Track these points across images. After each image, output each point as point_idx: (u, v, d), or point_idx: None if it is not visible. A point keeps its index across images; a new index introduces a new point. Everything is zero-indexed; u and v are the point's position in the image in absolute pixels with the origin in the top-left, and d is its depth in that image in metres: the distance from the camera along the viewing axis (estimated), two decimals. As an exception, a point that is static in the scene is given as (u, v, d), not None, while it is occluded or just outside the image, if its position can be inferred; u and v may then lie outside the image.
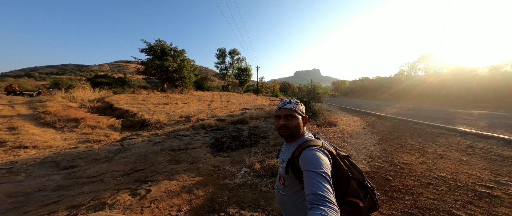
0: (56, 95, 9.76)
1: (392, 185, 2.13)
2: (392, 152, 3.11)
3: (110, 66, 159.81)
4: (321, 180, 0.58)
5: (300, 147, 0.72)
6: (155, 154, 4.28)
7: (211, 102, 13.32)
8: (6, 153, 4.21)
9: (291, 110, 0.78)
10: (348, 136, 4.14)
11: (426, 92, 15.18)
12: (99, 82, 14.81)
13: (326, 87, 7.73)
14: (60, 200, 2.30)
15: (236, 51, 29.93)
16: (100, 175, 3.16)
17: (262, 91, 32.42)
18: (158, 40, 15.60)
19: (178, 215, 2.02)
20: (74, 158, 3.96)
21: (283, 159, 0.79)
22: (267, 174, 2.66)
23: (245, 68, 28.82)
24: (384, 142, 3.69)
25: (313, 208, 0.52)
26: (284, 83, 50.89)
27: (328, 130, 4.65)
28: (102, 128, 6.67)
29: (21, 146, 4.63)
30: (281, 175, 0.79)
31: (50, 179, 2.96)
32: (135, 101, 10.56)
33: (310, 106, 6.87)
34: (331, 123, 5.60)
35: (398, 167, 2.55)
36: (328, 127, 5.16)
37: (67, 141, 5.35)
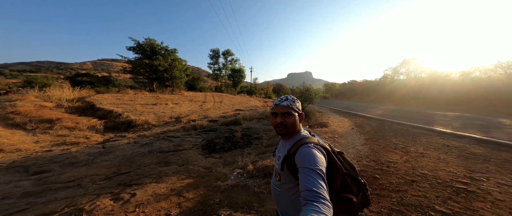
0: (28, 94, 8.79)
1: (379, 183, 2.21)
2: (379, 151, 3.25)
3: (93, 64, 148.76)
4: (316, 177, 0.59)
5: (296, 144, 0.73)
6: (141, 156, 4.01)
7: (203, 103, 12.99)
8: (-38, 158, 3.65)
9: (288, 107, 0.76)
10: (338, 136, 4.26)
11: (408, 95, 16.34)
12: (80, 80, 13.68)
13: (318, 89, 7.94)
14: (28, 208, 2.02)
15: (230, 52, 29.76)
16: (77, 179, 2.86)
17: (255, 93, 32.48)
18: (147, 38, 14.93)
19: (170, 214, 1.89)
20: (47, 162, 3.55)
21: (280, 155, 0.80)
22: (260, 175, 2.61)
23: (239, 69, 28.72)
24: (371, 142, 3.85)
25: (307, 204, 0.53)
26: (277, 84, 51.55)
27: (320, 131, 4.75)
28: (82, 130, 6.12)
29: (-18, 149, 4.05)
30: (277, 171, 0.80)
31: (17, 186, 2.61)
32: (121, 101, 9.91)
33: (303, 107, 7.04)
34: (322, 124, 5.75)
35: (385, 166, 2.66)
36: (319, 127, 5.28)
37: (39, 143, 4.81)
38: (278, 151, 0.86)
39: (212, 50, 29.06)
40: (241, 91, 32.21)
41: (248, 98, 22.20)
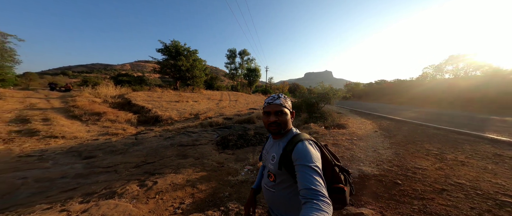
0: (84, 91, 10.52)
1: (400, 189, 1.98)
2: (406, 157, 2.90)
3: (131, 65, 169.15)
4: (314, 174, 0.58)
5: (292, 141, 0.71)
6: (165, 148, 4.42)
7: (219, 101, 13.49)
8: (39, 142, 4.60)
9: (280, 105, 0.74)
10: (357, 139, 3.93)
11: (452, 96, 13.68)
12: (121, 80, 15.67)
13: (338, 89, 7.28)
14: (78, 187, 2.44)
15: (246, 52, 29.95)
16: (114, 166, 3.32)
17: (270, 92, 32.12)
18: (173, 40, 16.08)
19: (181, 207, 2.05)
20: (94, 149, 4.21)
21: (274, 155, 0.76)
22: None
23: (254, 68, 28.72)
24: (398, 146, 3.44)
25: (307, 202, 0.52)
26: (293, 84, 49.83)
27: (336, 132, 4.45)
28: (121, 122, 7.04)
29: (52, 136, 5.03)
30: (271, 172, 0.76)
31: (72, 168, 3.17)
32: (151, 98, 11.03)
33: (318, 107, 6.54)
34: (340, 125, 5.35)
35: (410, 172, 2.38)
36: (336, 129, 4.95)
37: (90, 133, 5.72)
38: (269, 151, 0.81)
39: (229, 50, 29.63)
40: (256, 90, 32.27)
41: (263, 98, 22.16)
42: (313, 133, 4.48)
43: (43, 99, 8.98)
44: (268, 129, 0.75)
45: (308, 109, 6.42)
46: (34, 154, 3.76)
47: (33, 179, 2.62)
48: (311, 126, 4.99)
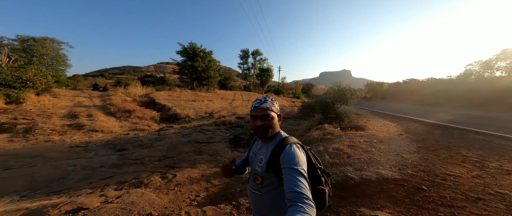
0: (118, 91, 11.93)
1: (425, 195, 1.84)
2: (435, 162, 2.63)
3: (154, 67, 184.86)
4: (300, 177, 0.59)
5: (280, 145, 0.71)
6: (183, 144, 4.78)
7: (232, 101, 13.85)
8: (84, 135, 5.43)
9: (267, 109, 0.74)
10: (377, 142, 3.65)
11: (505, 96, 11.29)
12: (146, 80, 17.32)
13: (358, 89, 6.71)
14: (113, 176, 2.84)
15: (259, 52, 29.90)
16: (141, 158, 3.74)
17: (283, 92, 31.56)
18: (190, 42, 17.02)
19: (196, 199, 2.22)
20: (125, 143, 4.79)
21: (262, 157, 0.76)
22: None
23: (267, 68, 28.53)
24: (427, 151, 3.12)
25: (292, 205, 0.54)
26: (307, 84, 47.92)
27: (354, 134, 4.18)
28: (146, 119, 7.81)
29: (94, 130, 5.88)
30: (258, 175, 0.76)
31: (109, 158, 3.69)
32: (171, 97, 11.93)
33: (334, 107, 6.17)
34: (358, 126, 5.00)
35: (439, 178, 2.17)
36: (353, 130, 4.64)
37: (122, 128, 6.51)
38: (257, 154, 0.81)
39: (242, 50, 29.87)
40: (268, 90, 32.06)
41: (275, 97, 21.97)
42: (327, 134, 4.30)
43: (87, 98, 10.49)
44: (256, 133, 0.76)
45: (323, 110, 6.10)
46: (81, 145, 4.47)
47: (80, 166, 3.14)
48: (325, 127, 4.77)
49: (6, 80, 7.91)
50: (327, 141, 3.87)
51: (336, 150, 3.18)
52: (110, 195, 2.01)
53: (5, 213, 1.44)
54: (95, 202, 1.79)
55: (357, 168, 2.49)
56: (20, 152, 3.70)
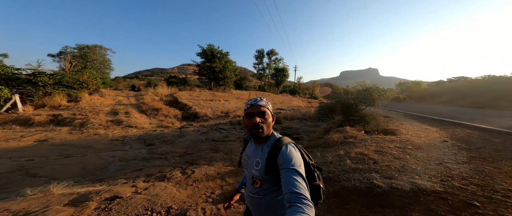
0: (148, 91, 13.43)
1: (476, 212, 1.54)
2: (494, 176, 2.18)
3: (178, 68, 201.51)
4: (298, 178, 0.60)
5: (276, 145, 0.70)
6: (201, 142, 5.07)
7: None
8: (122, 130, 6.28)
9: (264, 107, 0.74)
10: (413, 148, 3.18)
11: None
12: (171, 81, 18.99)
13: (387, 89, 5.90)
14: (143, 168, 3.20)
15: (274, 52, 29.43)
16: (165, 153, 4.11)
17: (299, 92, 30.46)
18: (209, 44, 17.90)
19: (211, 196, 2.33)
20: (153, 138, 5.35)
21: (258, 160, 0.74)
22: None
23: (282, 68, 27.87)
24: (482, 161, 2.61)
25: (291, 206, 0.54)
26: (326, 84, 45.12)
27: (382, 138, 3.71)
28: (170, 117, 8.57)
29: (130, 125, 6.75)
30: (256, 178, 0.74)
31: (140, 152, 4.18)
32: (191, 97, 12.79)
33: (357, 109, 5.58)
34: (387, 130, 4.42)
35: (499, 195, 1.79)
36: (381, 134, 4.15)
37: (151, 125, 7.29)
38: (251, 157, 0.78)
39: (257, 50, 29.80)
40: (283, 90, 31.37)
41: (291, 98, 21.34)
42: (349, 137, 3.96)
43: (125, 97, 12.11)
44: (251, 132, 0.72)
45: (344, 111, 5.59)
46: (120, 139, 5.18)
47: (118, 158, 3.64)
48: (346, 130, 4.39)
49: (68, 82, 9.75)
50: (348, 145, 3.57)
51: (359, 155, 2.90)
52: (139, 187, 2.26)
53: (62, 195, 1.79)
54: (127, 191, 2.04)
55: (386, 176, 2.21)
56: (76, 143, 4.52)
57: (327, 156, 3.12)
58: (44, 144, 4.25)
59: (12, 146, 3.90)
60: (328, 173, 2.53)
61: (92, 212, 1.52)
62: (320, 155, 3.23)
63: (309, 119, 8.66)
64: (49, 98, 8.54)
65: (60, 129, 5.84)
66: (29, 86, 8.48)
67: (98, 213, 1.50)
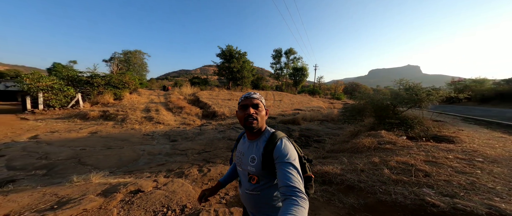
0: (175, 91, 14.77)
1: None
2: None
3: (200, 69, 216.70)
4: (293, 171, 0.61)
5: (271, 140, 0.71)
6: (218, 140, 5.20)
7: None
8: (152, 126, 7.03)
9: (258, 99, 0.75)
10: (485, 161, 2.46)
11: None
12: (194, 82, 20.45)
13: (439, 88, 4.78)
14: (165, 163, 3.44)
15: (292, 51, 28.29)
16: (186, 150, 4.36)
17: (319, 92, 28.56)
18: (228, 45, 18.47)
19: (225, 198, 2.29)
20: (176, 135, 5.78)
21: (253, 156, 0.73)
22: (317, 180, 2.33)
23: (301, 67, 26.59)
24: None
25: (286, 199, 0.55)
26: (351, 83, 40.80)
27: (434, 147, 3.00)
28: (192, 115, 9.15)
29: (158, 122, 7.51)
30: (253, 174, 0.73)
31: (164, 147, 4.55)
32: (211, 96, 13.42)
33: (395, 111, 4.71)
34: (440, 137, 3.57)
35: None
36: (432, 142, 3.38)
37: (176, 122, 7.93)
38: (245, 153, 0.77)
39: (275, 50, 29.08)
40: (302, 90, 29.91)
41: (310, 98, 20.17)
42: (384, 143, 3.38)
43: (156, 96, 13.62)
44: (245, 124, 0.72)
45: (378, 113, 4.84)
46: (150, 134, 5.79)
47: (147, 152, 4.03)
48: (381, 134, 3.75)
49: (115, 83, 11.55)
50: (385, 152, 3.04)
51: (402, 165, 2.41)
52: (160, 182, 2.41)
53: (98, 185, 2.03)
54: (149, 186, 2.19)
55: (445, 193, 1.74)
56: (117, 136, 5.25)
57: (357, 163, 2.71)
58: (94, 136, 5.08)
59: (72, 137, 4.80)
60: (359, 182, 2.17)
61: (117, 203, 1.66)
62: (347, 161, 2.84)
63: (331, 121, 7.96)
64: (101, 96, 10.31)
65: (107, 123, 6.93)
66: (87, 86, 10.41)
67: (122, 206, 1.62)
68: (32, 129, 5.41)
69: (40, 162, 2.96)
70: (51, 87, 8.51)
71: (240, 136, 0.88)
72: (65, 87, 9.03)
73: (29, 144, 3.96)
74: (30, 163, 2.91)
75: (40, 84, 8.12)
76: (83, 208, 1.40)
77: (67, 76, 9.91)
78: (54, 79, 8.96)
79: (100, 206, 1.51)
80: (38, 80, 8.21)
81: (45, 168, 2.77)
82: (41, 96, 8.18)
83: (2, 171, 2.55)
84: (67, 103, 8.96)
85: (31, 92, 7.99)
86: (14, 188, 1.90)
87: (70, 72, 10.30)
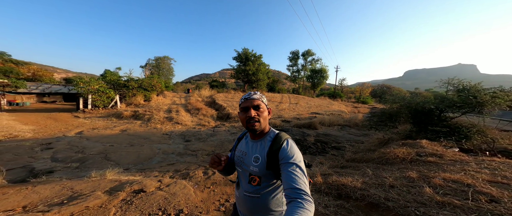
0: (194, 93, 15.84)
1: None
2: None
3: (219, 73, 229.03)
4: (299, 173, 0.60)
5: (276, 141, 0.70)
6: (228, 142, 5.19)
7: (279, 103, 13.49)
8: (172, 126, 7.58)
9: (259, 100, 0.73)
10: None
11: None
12: (212, 85, 21.58)
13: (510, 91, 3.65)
14: (175, 163, 3.57)
15: (310, 52, 26.93)
16: (197, 151, 4.47)
17: (341, 96, 26.24)
18: (244, 48, 18.88)
19: (225, 205, 2.16)
20: (191, 135, 6.05)
21: (257, 156, 0.72)
22: (333, 194, 1.99)
23: (320, 69, 25.04)
24: None
25: (291, 201, 0.55)
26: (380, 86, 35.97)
27: (507, 164, 2.23)
28: (208, 117, 9.53)
29: (177, 122, 8.07)
30: (255, 175, 0.72)
31: (178, 147, 4.78)
32: (227, 98, 13.81)
33: (441, 117, 3.90)
34: None
35: None
36: (501, 157, 2.55)
37: (192, 122, 8.38)
38: (248, 153, 0.75)
39: (292, 52, 28.14)
40: (321, 93, 28.00)
41: (330, 102, 18.65)
42: (425, 155, 2.73)
43: (178, 98, 14.84)
44: (247, 126, 0.71)
45: (416, 119, 4.00)
46: (168, 133, 6.23)
47: (162, 151, 4.30)
48: (422, 144, 3.03)
49: (145, 86, 13.13)
50: (426, 166, 2.44)
51: (452, 183, 1.86)
52: (164, 183, 2.45)
53: (109, 182, 2.19)
54: (152, 186, 2.24)
55: None
56: (141, 134, 5.82)
57: (385, 176, 2.23)
58: (123, 134, 5.76)
59: (106, 133, 5.55)
60: (386, 200, 1.74)
61: (118, 203, 1.72)
62: (372, 173, 2.38)
63: (354, 127, 7.09)
64: (134, 98, 11.85)
65: (135, 122, 7.83)
66: (124, 89, 12.12)
67: (121, 206, 1.67)
68: (80, 125, 6.53)
69: (77, 156, 3.47)
70: (97, 90, 10.23)
71: (241, 135, 0.87)
72: (107, 90, 10.73)
73: (74, 138, 4.75)
74: (69, 156, 3.44)
75: (90, 87, 9.86)
76: (85, 206, 1.48)
77: (110, 80, 11.78)
78: (100, 83, 10.76)
79: (102, 204, 1.58)
80: (88, 84, 9.99)
81: (79, 161, 3.21)
82: (90, 98, 9.92)
83: (46, 162, 3.08)
84: (108, 103, 10.61)
85: (83, 94, 9.78)
86: (45, 179, 2.21)
87: (112, 76, 12.23)
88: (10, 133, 4.77)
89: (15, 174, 2.57)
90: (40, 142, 4.21)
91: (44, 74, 20.40)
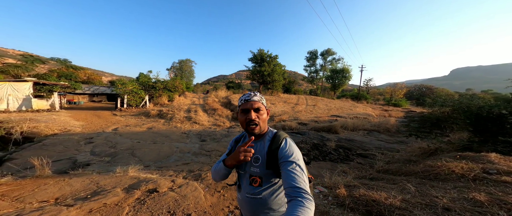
0: (212, 94, 16.60)
1: None
2: None
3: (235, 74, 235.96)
4: (299, 172, 0.61)
5: (275, 140, 0.71)
6: (241, 144, 5.16)
7: (295, 105, 12.91)
8: (190, 125, 8.03)
9: (259, 102, 0.74)
10: None
11: None
12: (229, 86, 22.24)
13: None
14: (190, 163, 3.68)
15: (330, 51, 24.97)
16: (211, 151, 4.55)
17: (367, 97, 23.55)
18: (259, 49, 18.79)
19: (234, 212, 2.07)
20: (207, 135, 6.25)
21: (257, 156, 0.72)
22: (359, 210, 1.72)
23: (342, 69, 23.03)
24: None
25: (292, 200, 0.55)
26: (418, 87, 30.90)
27: None
28: (223, 117, 9.77)
29: (195, 122, 8.50)
30: (256, 176, 0.71)
31: (194, 146, 4.97)
32: (242, 99, 13.96)
33: (508, 120, 3.10)
34: None
35: None
36: None
37: (209, 122, 8.70)
38: None
39: (309, 52, 26.54)
40: (343, 95, 25.69)
41: (353, 104, 16.89)
42: (497, 173, 2.11)
43: (198, 99, 15.76)
44: (246, 128, 0.72)
45: (479, 126, 3.17)
46: (186, 132, 6.59)
47: (179, 150, 4.52)
48: (490, 158, 2.37)
49: (169, 87, 14.40)
50: (499, 187, 1.87)
51: None
52: (176, 183, 2.51)
53: (129, 178, 2.35)
54: (165, 187, 2.31)
55: None
56: (163, 132, 6.31)
57: (435, 195, 1.78)
58: (149, 131, 6.35)
59: (136, 130, 6.20)
60: None
61: (132, 201, 1.80)
62: (416, 189, 1.95)
63: (384, 132, 6.17)
64: (160, 98, 13.12)
65: (160, 120, 8.58)
66: (152, 90, 13.53)
67: (134, 205, 1.74)
68: (117, 122, 7.51)
69: (109, 151, 3.94)
70: (131, 91, 11.69)
71: (239, 137, 0.87)
72: (139, 91, 12.15)
73: (110, 134, 5.45)
74: (104, 150, 3.93)
75: (126, 89, 11.33)
76: (104, 203, 1.57)
77: (142, 82, 13.33)
78: (134, 84, 12.27)
79: (118, 202, 1.66)
80: (125, 85, 11.50)
81: (110, 156, 3.63)
82: (125, 98, 11.40)
83: (86, 155, 3.58)
84: (140, 103, 12.01)
85: (120, 94, 11.31)
86: (80, 172, 2.52)
87: (144, 78, 13.83)
88: (65, 128, 5.81)
89: (62, 165, 3.03)
90: (85, 136, 4.97)
91: (95, 77, 24.54)
